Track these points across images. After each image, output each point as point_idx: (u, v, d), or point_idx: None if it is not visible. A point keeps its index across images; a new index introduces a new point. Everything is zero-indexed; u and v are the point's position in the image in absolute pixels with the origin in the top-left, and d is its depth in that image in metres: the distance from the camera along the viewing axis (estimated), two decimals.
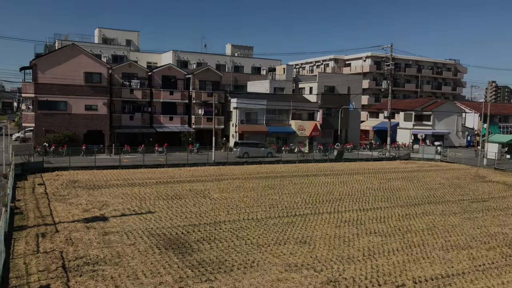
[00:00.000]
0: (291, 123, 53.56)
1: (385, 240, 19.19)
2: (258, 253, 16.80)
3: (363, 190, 30.92)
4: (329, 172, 39.19)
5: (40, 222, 19.95)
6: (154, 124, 48.49)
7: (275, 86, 58.79)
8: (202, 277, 14.29)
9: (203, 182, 31.92)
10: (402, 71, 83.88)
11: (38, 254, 15.79)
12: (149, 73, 49.16)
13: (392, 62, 54.10)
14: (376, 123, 71.41)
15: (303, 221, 21.75)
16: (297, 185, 31.96)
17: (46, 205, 23.16)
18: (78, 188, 28.06)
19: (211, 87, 51.24)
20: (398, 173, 39.91)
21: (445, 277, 15.13)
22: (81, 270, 14.47)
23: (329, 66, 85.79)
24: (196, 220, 21.37)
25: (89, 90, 44.32)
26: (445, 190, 31.70)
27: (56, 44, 54.90)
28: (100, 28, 62.41)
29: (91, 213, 21.82)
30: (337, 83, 59.62)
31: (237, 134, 50.50)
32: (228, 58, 65.73)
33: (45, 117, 42.80)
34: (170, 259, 15.78)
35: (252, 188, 29.97)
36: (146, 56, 62.33)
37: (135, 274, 14.31)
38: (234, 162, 42.18)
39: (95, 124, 44.83)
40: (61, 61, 43.08)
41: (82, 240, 17.59)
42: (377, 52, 79.90)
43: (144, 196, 26.36)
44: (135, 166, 37.51)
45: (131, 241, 17.70)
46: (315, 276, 14.71)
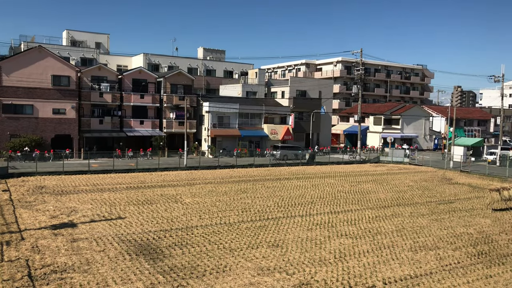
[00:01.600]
0: (264, 127, 53.76)
1: (356, 242, 19.48)
2: (230, 257, 16.75)
3: (334, 193, 31.31)
4: (301, 175, 39.51)
5: (5, 230, 19.28)
6: (124, 128, 47.70)
7: (248, 90, 58.92)
8: (174, 282, 14.12)
9: (175, 186, 31.61)
10: (372, 76, 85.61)
11: (2, 263, 15.24)
12: (120, 76, 48.37)
13: (362, 67, 55.14)
14: (347, 127, 72.56)
15: (275, 225, 21.82)
16: (270, 188, 32.07)
17: (11, 212, 22.40)
18: (45, 194, 27.27)
19: (182, 91, 50.87)
20: (368, 176, 40.63)
21: (414, 277, 15.47)
22: (48, 279, 14.05)
23: (301, 71, 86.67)
24: (168, 225, 21.12)
25: (57, 93, 43.24)
26: (414, 193, 32.47)
27: (22, 46, 53.33)
28: (68, 30, 61.02)
29: (59, 220, 21.24)
30: (309, 88, 60.28)
31: (209, 138, 50.29)
32: (200, 61, 65.47)
33: (10, 121, 41.47)
34: (141, 265, 15.53)
35: (224, 192, 29.88)
36: (116, 59, 61.33)
37: (105, 281, 14.01)
38: (207, 167, 41.97)
39: (63, 128, 43.74)
40: (28, 64, 41.91)
41: (50, 247, 17.09)
42: (347, 57, 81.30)
43: (114, 201, 25.87)
44: (105, 171, 36.77)
45: (100, 247, 17.32)
46: (287, 279, 14.77)
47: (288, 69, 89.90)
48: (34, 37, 56.38)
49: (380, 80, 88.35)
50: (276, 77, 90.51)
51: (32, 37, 56.08)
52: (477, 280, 15.45)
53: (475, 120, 78.80)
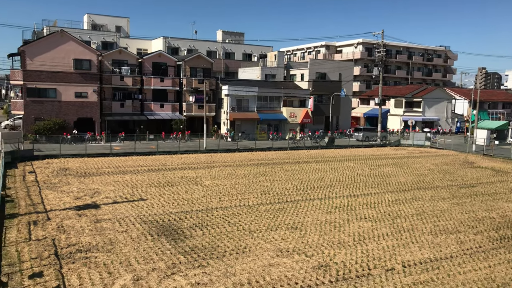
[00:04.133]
0: (283, 110, 53.59)
1: (375, 225, 19.46)
2: (250, 239, 16.97)
3: (353, 176, 31.19)
4: (320, 158, 39.42)
5: (32, 210, 19.91)
6: (145, 112, 48.24)
7: (267, 73, 58.64)
8: (194, 263, 14.43)
9: (195, 169, 31.97)
10: (393, 58, 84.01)
11: (30, 242, 15.80)
12: (140, 60, 48.72)
13: (383, 49, 54.14)
14: (367, 109, 71.71)
15: (294, 207, 21.95)
16: (289, 171, 32.14)
17: (37, 193, 23.09)
18: (69, 175, 27.96)
19: (202, 74, 50.98)
20: (389, 159, 40.27)
21: (434, 260, 15.43)
22: (74, 257, 14.52)
23: (321, 53, 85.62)
24: (188, 207, 21.46)
25: (78, 77, 43.89)
26: (434, 176, 32.09)
27: (45, 30, 54.08)
28: (89, 14, 61.51)
29: (82, 201, 21.81)
30: (329, 70, 59.61)
31: (228, 122, 50.45)
32: (219, 44, 65.29)
33: (34, 104, 42.38)
34: (163, 246, 15.88)
35: (243, 175, 30.09)
36: (136, 42, 61.70)
37: (128, 261, 14.40)
38: (226, 150, 42.23)
39: (86, 112, 44.50)
40: (50, 48, 42.54)
41: (74, 227, 17.61)
42: (368, 39, 79.89)
43: (136, 183, 26.36)
44: (126, 154, 37.41)
45: (123, 228, 17.76)
46: (306, 261, 14.92)
47: (308, 51, 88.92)
48: (56, 21, 57.10)
49: (401, 62, 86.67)
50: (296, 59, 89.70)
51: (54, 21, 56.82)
52: (498, 265, 15.30)
53: (500, 102, 76.87)
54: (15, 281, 12.69)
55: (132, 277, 13.13)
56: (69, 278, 12.93)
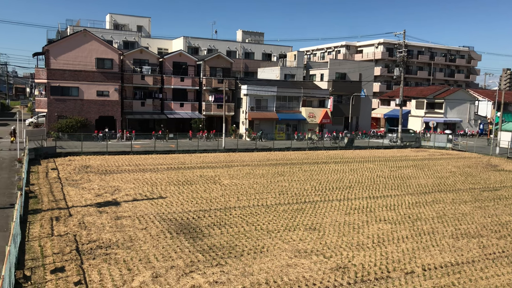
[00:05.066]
0: (302, 110, 53.40)
1: (395, 227, 19.23)
2: (268, 238, 16.97)
3: (373, 177, 30.89)
4: (339, 159, 39.15)
5: (54, 206, 20.32)
6: (165, 111, 48.70)
7: (286, 72, 58.52)
8: (212, 261, 14.50)
9: (213, 168, 32.12)
10: (415, 58, 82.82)
11: (52, 237, 16.13)
12: (160, 59, 49.21)
13: (404, 49, 53.44)
14: (388, 110, 70.87)
15: (312, 208, 21.85)
16: (307, 172, 32.01)
17: (60, 190, 23.55)
18: (90, 173, 28.43)
19: (221, 74, 51.18)
20: (409, 161, 39.73)
21: (455, 264, 15.16)
22: (94, 253, 14.76)
23: (341, 53, 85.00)
24: (207, 205, 21.59)
25: (100, 76, 44.58)
26: (456, 179, 31.52)
27: (68, 30, 55.10)
28: (111, 14, 62.40)
29: (103, 198, 22.15)
30: (349, 70, 59.13)
31: (247, 121, 50.54)
32: (239, 44, 65.43)
33: (57, 102, 43.23)
34: (181, 244, 16.01)
35: (262, 175, 30.10)
36: (157, 42, 62.30)
37: (147, 257, 14.57)
38: (244, 149, 42.31)
39: (107, 110, 45.17)
40: (73, 47, 43.32)
41: (95, 224, 17.90)
42: (389, 39, 78.95)
43: (156, 181, 26.64)
44: (146, 152, 37.84)
45: (143, 225, 17.97)
46: (325, 262, 14.84)
47: (328, 51, 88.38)
48: (79, 21, 58.09)
49: (423, 62, 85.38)
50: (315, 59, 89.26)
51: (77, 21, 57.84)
52: None
53: None
54: (38, 275, 12.97)
55: (151, 274, 13.27)
56: (89, 274, 13.15)
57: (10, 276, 11.04)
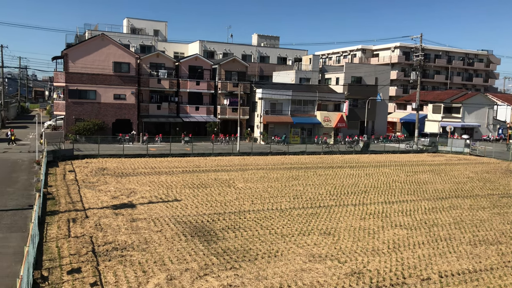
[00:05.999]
0: (317, 114, 53.23)
1: (411, 233, 19.00)
2: (282, 243, 16.93)
3: (389, 182, 30.59)
4: (355, 164, 38.88)
5: (71, 208, 20.61)
6: (180, 114, 49.06)
7: (301, 76, 58.44)
8: (227, 264, 14.52)
9: (228, 171, 32.21)
10: (432, 62, 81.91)
11: (69, 238, 16.36)
12: (176, 63, 49.63)
13: (421, 53, 52.92)
14: (404, 114, 70.15)
15: (327, 213, 21.73)
16: (322, 176, 31.87)
17: (76, 192, 23.88)
18: (107, 175, 28.77)
19: (236, 78, 51.37)
20: (425, 166, 39.24)
21: (473, 272, 14.90)
22: (110, 255, 14.91)
23: (357, 57, 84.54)
24: (221, 208, 21.64)
25: (117, 79, 45.15)
26: (474, 184, 31.01)
27: (86, 34, 56.00)
28: (128, 18, 63.22)
29: (119, 200, 22.39)
30: (364, 74, 58.79)
31: (261, 125, 50.59)
32: (254, 48, 65.61)
33: (75, 105, 43.90)
34: (196, 246, 16.08)
35: (276, 179, 30.07)
36: (173, 46, 62.86)
37: (162, 260, 14.66)
38: (258, 153, 42.34)
39: (124, 113, 45.71)
40: (91, 51, 43.99)
41: (111, 226, 18.10)
42: (406, 43, 78.23)
43: (171, 184, 26.82)
44: (162, 155, 38.14)
45: (158, 228, 18.10)
46: (339, 267, 14.74)
47: (343, 55, 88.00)
48: (97, 25, 58.99)
49: (440, 66, 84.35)
50: (331, 63, 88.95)
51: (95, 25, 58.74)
52: None
53: None
54: (55, 276, 13.16)
55: (166, 276, 13.35)
56: (105, 275, 13.30)
57: (28, 276, 11.23)
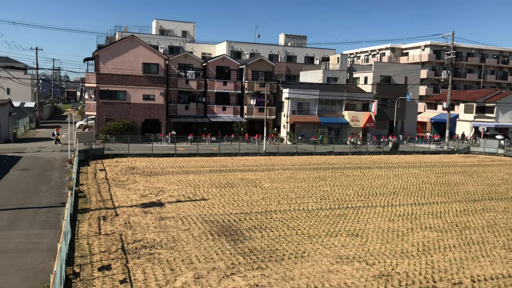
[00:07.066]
0: (344, 114, 52.67)
1: (441, 235, 18.55)
2: (309, 243, 16.83)
3: (418, 184, 29.96)
4: (383, 164, 38.27)
5: (101, 206, 21.09)
6: (208, 114, 49.47)
7: (329, 76, 57.94)
8: (253, 264, 14.55)
9: (254, 171, 32.25)
10: (464, 61, 79.70)
11: (99, 236, 16.74)
12: (204, 64, 50.06)
13: (453, 51, 51.60)
14: (434, 114, 68.57)
15: (355, 214, 21.47)
16: (350, 177, 31.51)
17: (107, 190, 24.42)
18: (136, 174, 29.30)
19: (263, 78, 51.39)
20: (457, 167, 38.24)
21: (507, 277, 14.42)
22: (139, 253, 15.18)
23: (385, 56, 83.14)
24: (248, 208, 21.70)
25: (147, 80, 45.91)
26: (508, 186, 30.01)
27: (117, 35, 57.16)
28: (157, 20, 64.19)
29: (148, 199, 22.76)
30: (394, 73, 57.76)
31: (288, 125, 50.43)
32: (281, 48, 65.48)
33: (106, 106, 44.89)
34: (223, 246, 16.17)
35: (303, 179, 29.92)
36: (201, 47, 63.45)
37: (189, 259, 14.82)
38: (285, 153, 42.23)
39: (152, 113, 46.44)
40: (121, 52, 44.88)
41: (140, 224, 18.42)
42: (437, 41, 76.43)
43: (198, 183, 27.08)
44: (190, 155, 38.55)
45: (185, 226, 18.31)
46: (367, 269, 14.53)
47: (372, 53, 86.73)
48: (127, 27, 60.17)
49: (473, 64, 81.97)
50: (359, 62, 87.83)
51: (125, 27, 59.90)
52: None
53: None
54: (86, 272, 13.49)
55: (193, 275, 13.48)
56: (134, 273, 13.54)
57: (61, 272, 11.55)
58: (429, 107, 72.61)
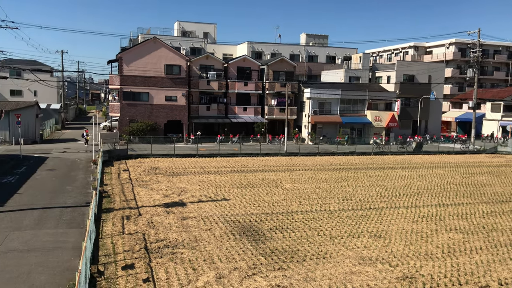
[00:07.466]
0: (367, 114, 52.09)
1: (467, 237, 18.14)
2: (331, 244, 16.70)
3: (443, 184, 29.38)
4: (407, 165, 37.68)
5: (125, 206, 21.42)
6: (229, 115, 49.67)
7: (351, 75, 57.40)
8: (275, 265, 14.52)
9: (275, 172, 32.21)
10: (491, 58, 77.75)
11: (123, 235, 17.00)
12: (225, 64, 50.29)
13: (479, 49, 50.42)
14: (459, 114, 67.14)
15: (378, 215, 21.21)
16: (372, 177, 31.14)
17: (130, 190, 24.78)
18: (158, 174, 29.64)
19: (284, 78, 51.29)
20: (483, 167, 37.34)
21: None
22: (162, 252, 15.34)
23: (409, 54, 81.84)
24: (269, 209, 21.68)
25: (169, 81, 46.42)
26: None
27: (139, 38, 57.97)
28: (179, 21, 64.80)
29: (170, 199, 22.99)
30: (417, 72, 56.83)
31: (309, 125, 50.19)
32: (302, 47, 65.23)
33: (129, 107, 45.58)
34: (244, 246, 16.20)
35: (324, 180, 29.72)
36: (222, 48, 63.74)
37: (211, 258, 14.90)
38: (306, 153, 42.03)
39: (174, 114, 46.91)
40: (144, 54, 45.50)
41: (163, 223, 18.62)
42: (462, 39, 74.81)
43: (220, 183, 27.21)
44: (211, 155, 38.78)
45: (207, 226, 18.42)
46: (390, 271, 14.33)
47: (395, 52, 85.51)
48: (149, 29, 60.91)
49: (500, 62, 79.89)
50: (381, 61, 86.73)
51: (148, 29, 60.67)
52: None
53: None
54: (110, 271, 13.72)
55: (215, 275, 13.55)
56: (157, 272, 13.69)
57: (86, 270, 11.78)
58: (454, 106, 71.14)
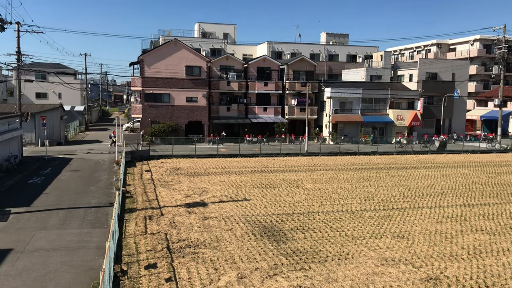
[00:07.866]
0: (389, 113, 51.39)
1: (494, 238, 17.70)
2: (353, 245, 16.54)
3: (468, 184, 28.76)
4: (430, 164, 37.03)
5: (147, 206, 21.68)
6: (249, 115, 49.72)
7: (372, 74, 56.75)
8: (296, 265, 14.47)
9: (296, 172, 32.09)
10: None
11: (146, 235, 17.21)
12: (245, 65, 50.37)
13: (504, 45, 49.18)
14: (485, 112, 65.58)
15: (401, 215, 20.90)
16: (395, 177, 30.71)
17: (152, 190, 25.07)
18: (180, 175, 29.90)
19: (304, 77, 51.05)
20: (510, 167, 36.38)
21: None
22: (184, 252, 15.47)
23: (431, 52, 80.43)
24: (290, 209, 21.61)
25: (189, 82, 46.77)
26: None
27: (160, 39, 58.60)
28: (199, 23, 65.26)
29: (192, 199, 23.17)
30: (440, 70, 55.76)
31: (330, 124, 49.83)
32: (322, 47, 64.83)
33: (151, 108, 46.13)
34: (265, 246, 16.19)
35: (346, 180, 29.46)
36: (242, 48, 63.90)
37: (232, 258, 14.94)
38: (327, 153, 41.74)
39: (195, 115, 47.24)
40: (165, 56, 45.96)
41: (184, 223, 18.77)
42: (486, 35, 73.08)
43: (240, 184, 27.27)
44: (232, 155, 38.91)
45: (228, 226, 18.48)
46: (414, 272, 14.10)
47: (417, 50, 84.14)
48: (170, 31, 61.52)
49: None
50: (403, 59, 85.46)
51: (169, 31, 61.29)
52: None
53: None
54: (133, 270, 13.90)
55: (236, 274, 13.58)
56: (179, 271, 13.81)
57: (109, 270, 11.97)
58: (479, 104, 69.55)
